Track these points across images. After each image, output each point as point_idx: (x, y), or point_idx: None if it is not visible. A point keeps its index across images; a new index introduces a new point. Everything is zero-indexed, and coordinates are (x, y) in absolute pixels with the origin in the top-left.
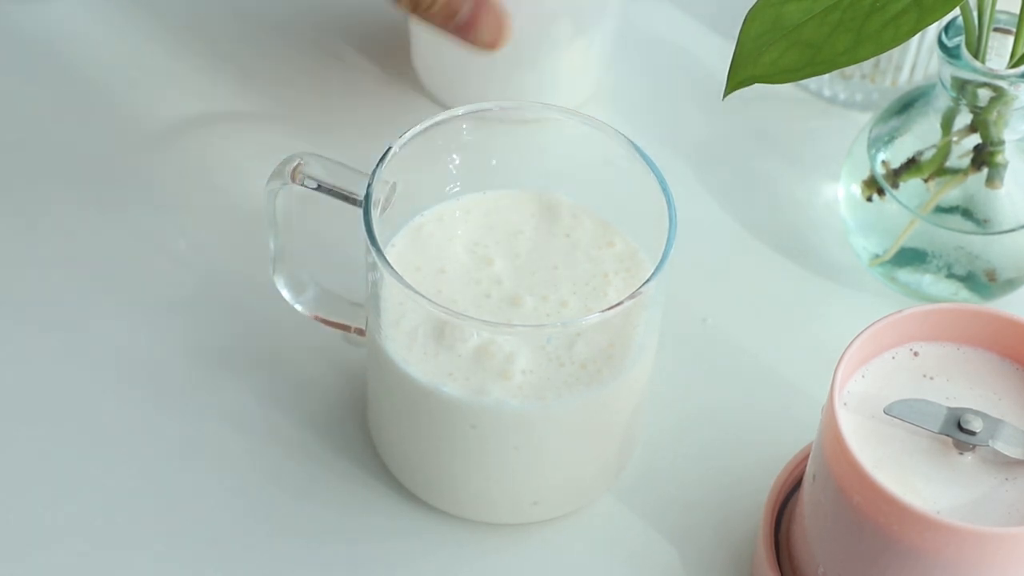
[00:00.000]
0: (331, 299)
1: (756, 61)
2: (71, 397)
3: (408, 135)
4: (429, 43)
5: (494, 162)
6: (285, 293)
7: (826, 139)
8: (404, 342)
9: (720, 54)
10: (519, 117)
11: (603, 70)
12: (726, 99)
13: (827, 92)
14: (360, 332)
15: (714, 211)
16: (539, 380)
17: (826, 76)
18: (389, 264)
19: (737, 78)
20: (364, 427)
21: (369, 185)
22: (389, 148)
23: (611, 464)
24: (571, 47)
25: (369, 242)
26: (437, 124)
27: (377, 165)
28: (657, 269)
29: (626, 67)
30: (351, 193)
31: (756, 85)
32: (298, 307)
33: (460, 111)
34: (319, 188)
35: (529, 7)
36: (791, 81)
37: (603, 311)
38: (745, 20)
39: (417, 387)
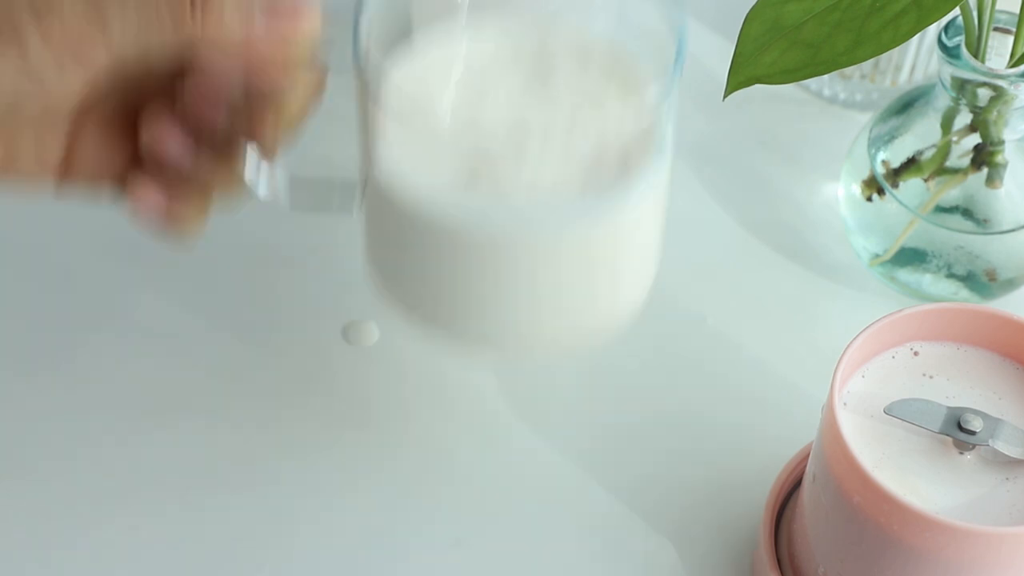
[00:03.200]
0: (307, 180)
1: (756, 61)
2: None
3: None
4: None
5: None
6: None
7: (826, 139)
8: (407, 170)
9: (720, 54)
10: None
11: None
12: (726, 99)
13: (827, 92)
14: (344, 205)
15: (714, 211)
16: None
17: (826, 76)
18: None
19: (737, 78)
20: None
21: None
22: None
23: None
24: None
25: (357, 59)
26: None
27: None
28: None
29: None
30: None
31: (756, 85)
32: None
33: None
34: None
35: (529, 6)
36: (791, 81)
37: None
38: (745, 20)
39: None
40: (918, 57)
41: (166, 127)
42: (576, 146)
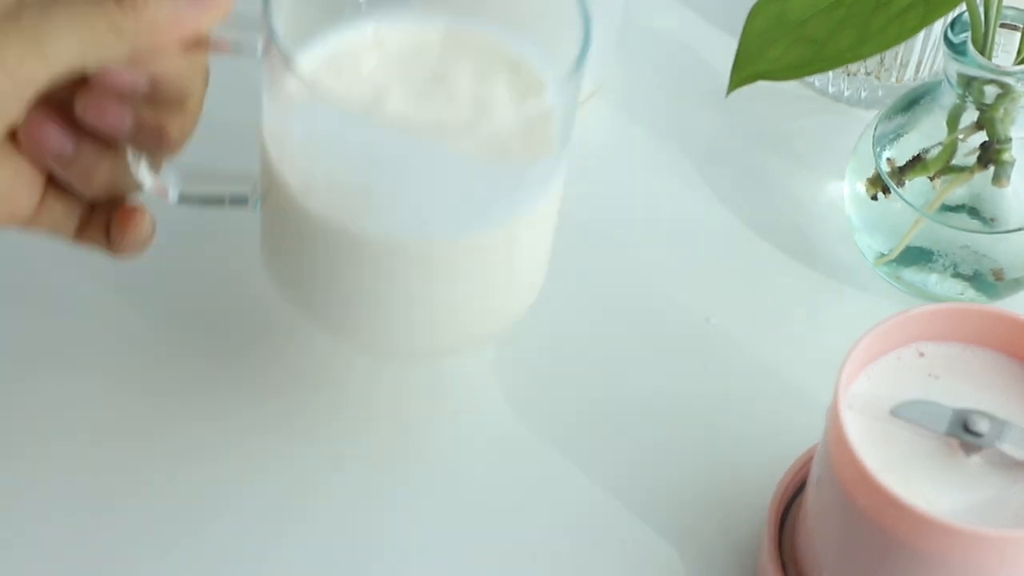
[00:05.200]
0: (196, 175)
1: (760, 57)
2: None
3: None
4: None
5: None
6: (144, 179)
7: (831, 137)
8: (299, 166)
9: (724, 50)
10: None
11: (607, 67)
12: (730, 96)
13: (831, 89)
14: (237, 202)
15: (718, 209)
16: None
17: (830, 73)
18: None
19: (741, 75)
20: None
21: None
22: None
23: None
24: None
25: (274, 43)
26: None
27: None
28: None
29: (630, 64)
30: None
31: (760, 82)
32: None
33: None
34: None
35: (532, 3)
36: (795, 78)
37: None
38: (749, 16)
39: (316, 221)
40: (924, 54)
41: (51, 124)
42: (472, 148)
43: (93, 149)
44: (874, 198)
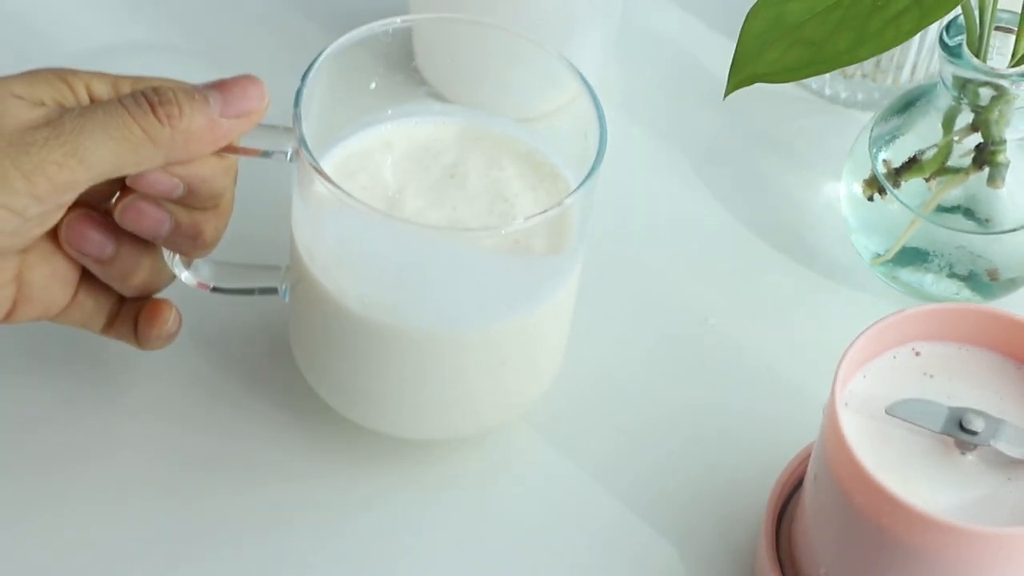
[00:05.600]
0: (228, 269)
1: (757, 60)
2: None
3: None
4: (430, 39)
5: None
6: (179, 272)
7: (827, 138)
8: (328, 262)
9: (722, 53)
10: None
11: (605, 68)
12: (727, 98)
13: (828, 91)
14: (266, 291)
15: (715, 210)
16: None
17: (827, 75)
18: (323, 172)
19: (738, 77)
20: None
21: (299, 94)
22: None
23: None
24: (572, 46)
25: (304, 150)
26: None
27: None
28: (585, 179)
29: (628, 66)
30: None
31: (757, 84)
32: (191, 281)
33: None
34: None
35: (530, 5)
36: (792, 80)
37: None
38: (746, 18)
39: (349, 313)
40: (920, 56)
41: (91, 227)
42: (495, 245)
43: (131, 250)
44: (870, 199)
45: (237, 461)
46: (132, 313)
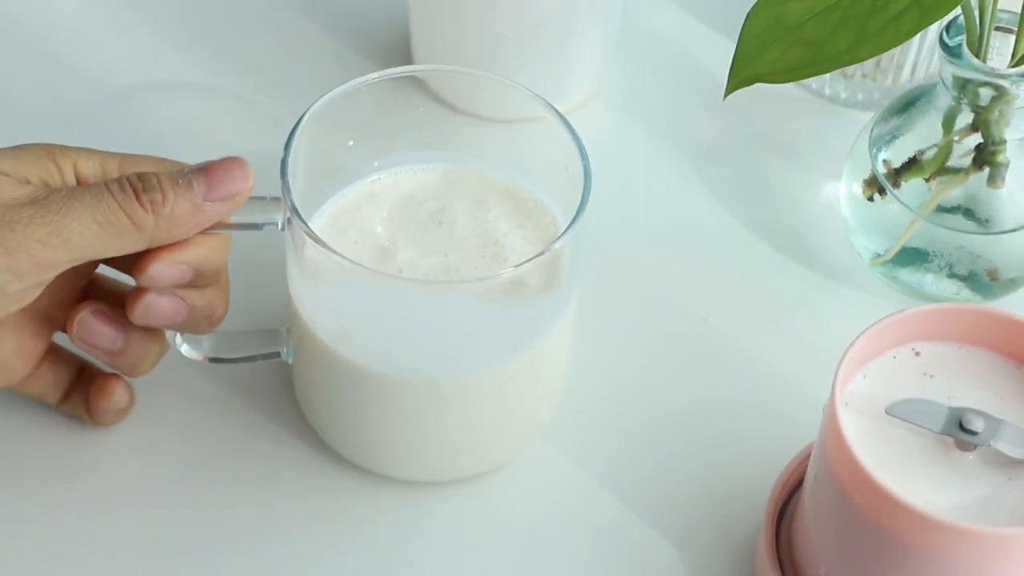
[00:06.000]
0: (228, 338)
1: (757, 60)
2: None
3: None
4: (429, 44)
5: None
6: (189, 350)
7: (827, 138)
8: (330, 320)
9: (722, 53)
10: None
11: (605, 69)
12: (727, 98)
13: (828, 91)
14: (269, 356)
15: (715, 210)
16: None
17: (827, 75)
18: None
19: (738, 77)
20: (291, 393)
21: (284, 163)
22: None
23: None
24: (572, 46)
25: (297, 219)
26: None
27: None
28: (572, 223)
29: (628, 66)
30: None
31: (757, 84)
32: (192, 355)
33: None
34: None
35: (531, 5)
36: (792, 80)
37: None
38: (746, 19)
39: (349, 366)
40: (920, 56)
41: (101, 322)
42: (488, 291)
43: (140, 338)
44: (870, 199)
45: (236, 476)
46: (85, 388)
